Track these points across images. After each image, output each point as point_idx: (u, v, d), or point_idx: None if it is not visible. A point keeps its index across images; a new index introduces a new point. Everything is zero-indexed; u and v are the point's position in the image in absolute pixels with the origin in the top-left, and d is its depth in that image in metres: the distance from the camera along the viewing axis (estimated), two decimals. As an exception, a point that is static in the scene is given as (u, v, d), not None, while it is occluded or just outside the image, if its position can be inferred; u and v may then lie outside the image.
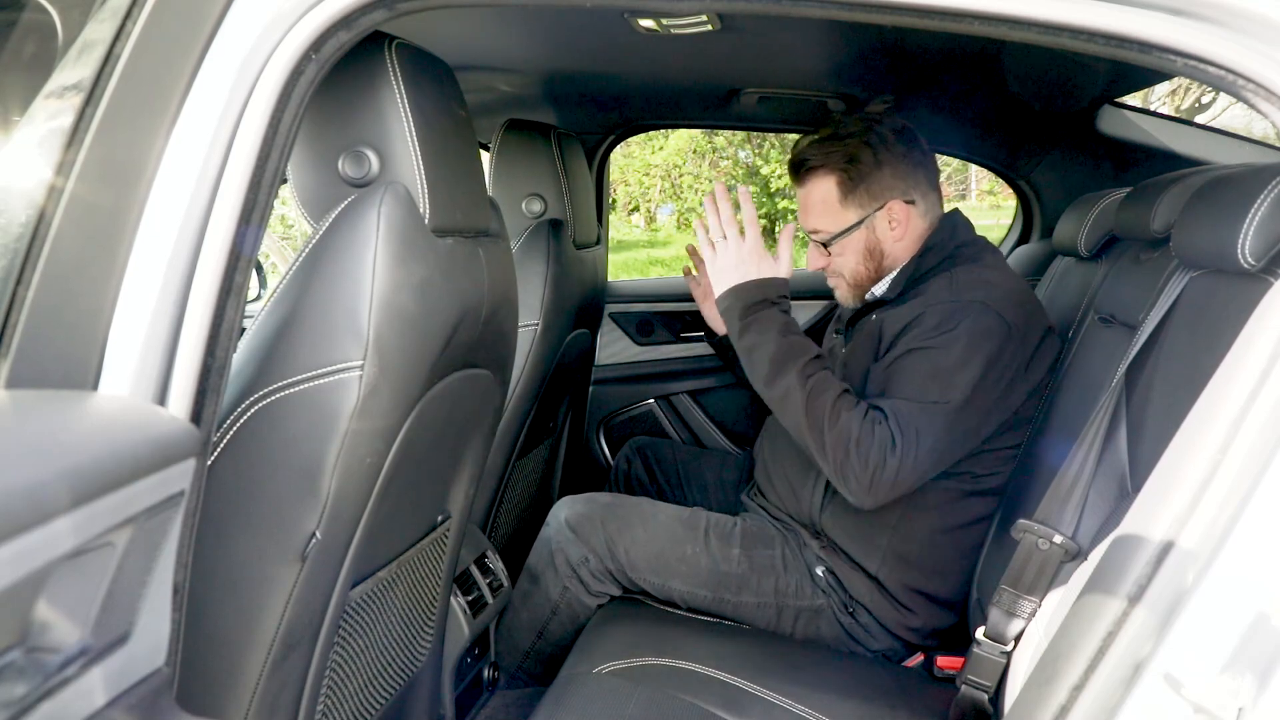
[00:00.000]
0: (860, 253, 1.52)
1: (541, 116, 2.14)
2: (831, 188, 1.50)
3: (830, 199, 1.50)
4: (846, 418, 1.29)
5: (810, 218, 1.54)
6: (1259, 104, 0.73)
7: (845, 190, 1.49)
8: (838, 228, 1.51)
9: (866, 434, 1.27)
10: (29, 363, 0.67)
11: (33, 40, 0.83)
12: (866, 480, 1.27)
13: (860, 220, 1.50)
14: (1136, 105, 2.04)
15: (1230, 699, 0.69)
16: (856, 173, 1.48)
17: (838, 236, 1.51)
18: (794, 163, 1.54)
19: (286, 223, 6.79)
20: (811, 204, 1.53)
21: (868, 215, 1.50)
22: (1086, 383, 1.33)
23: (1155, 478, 0.79)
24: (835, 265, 1.55)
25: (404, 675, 1.25)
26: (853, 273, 1.54)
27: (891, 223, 1.50)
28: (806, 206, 1.55)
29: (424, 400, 1.01)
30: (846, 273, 1.54)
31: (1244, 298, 0.87)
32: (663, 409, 2.59)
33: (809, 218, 1.55)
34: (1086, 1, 0.71)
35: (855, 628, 1.47)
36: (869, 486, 1.27)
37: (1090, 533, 1.09)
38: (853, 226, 1.50)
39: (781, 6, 0.77)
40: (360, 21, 0.77)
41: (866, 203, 1.49)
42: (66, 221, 0.68)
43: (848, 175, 1.48)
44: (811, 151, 1.51)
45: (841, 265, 1.54)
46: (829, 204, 1.51)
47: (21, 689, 0.53)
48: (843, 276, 1.55)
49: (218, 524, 0.83)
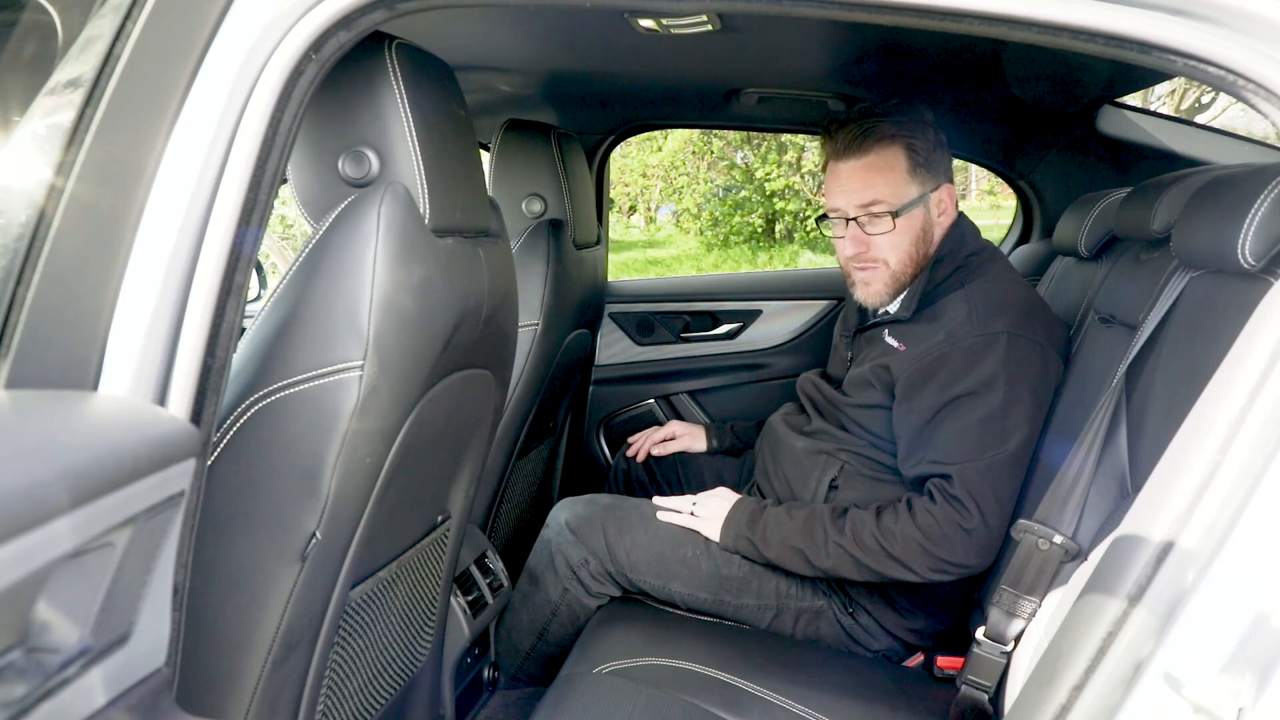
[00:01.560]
0: (915, 233, 1.44)
1: (541, 116, 2.14)
2: (900, 157, 1.42)
3: (900, 168, 1.43)
4: (901, 528, 1.31)
5: (871, 188, 1.43)
6: (1259, 104, 0.73)
7: (915, 162, 1.43)
8: (902, 201, 1.43)
9: (927, 524, 1.29)
10: (29, 363, 0.67)
11: (33, 40, 0.83)
12: (961, 556, 1.29)
13: (920, 196, 1.44)
14: (1136, 105, 2.04)
15: (1230, 699, 0.69)
16: (925, 146, 1.43)
17: (903, 209, 1.43)
18: (858, 130, 1.43)
19: (286, 223, 6.78)
20: (876, 172, 1.43)
21: (927, 192, 1.44)
22: (1086, 383, 1.33)
23: (1155, 478, 0.79)
24: (880, 249, 1.45)
25: (404, 675, 1.24)
26: (902, 258, 1.45)
27: (940, 206, 1.46)
28: (867, 175, 1.43)
29: (424, 400, 1.01)
30: (895, 258, 1.44)
31: (1244, 298, 0.87)
32: (663, 409, 2.59)
33: (869, 188, 1.43)
34: (1086, 1, 0.71)
35: (855, 628, 1.47)
36: (969, 556, 1.29)
37: (1090, 533, 1.09)
38: (915, 201, 1.43)
39: (781, 6, 0.77)
40: (360, 21, 0.77)
41: (928, 180, 1.44)
42: (66, 221, 0.68)
43: (916, 148, 1.42)
44: (873, 124, 1.42)
45: (890, 248, 1.44)
46: (898, 173, 1.43)
47: (21, 689, 0.53)
48: (886, 264, 1.45)
49: (218, 524, 0.83)
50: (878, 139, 1.42)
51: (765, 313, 2.60)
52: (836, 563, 1.36)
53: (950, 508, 1.29)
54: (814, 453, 1.51)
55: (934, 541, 1.29)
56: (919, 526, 1.30)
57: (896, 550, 1.31)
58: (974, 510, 1.28)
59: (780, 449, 1.61)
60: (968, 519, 1.28)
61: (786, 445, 1.58)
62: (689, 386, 2.59)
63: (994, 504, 1.28)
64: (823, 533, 1.37)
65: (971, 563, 1.30)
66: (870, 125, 1.43)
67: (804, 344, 2.54)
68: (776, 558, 1.41)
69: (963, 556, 1.29)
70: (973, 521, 1.27)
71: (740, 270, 10.75)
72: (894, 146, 1.42)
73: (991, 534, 1.29)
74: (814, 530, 1.38)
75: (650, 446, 1.99)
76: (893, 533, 1.31)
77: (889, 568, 1.32)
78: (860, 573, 1.36)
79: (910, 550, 1.30)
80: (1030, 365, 1.32)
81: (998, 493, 1.29)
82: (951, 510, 1.29)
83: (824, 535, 1.36)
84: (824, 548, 1.36)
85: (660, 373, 2.58)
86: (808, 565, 1.39)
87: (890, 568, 1.32)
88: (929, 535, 1.29)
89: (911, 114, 1.45)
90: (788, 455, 1.57)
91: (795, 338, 2.57)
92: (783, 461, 1.59)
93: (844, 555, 1.35)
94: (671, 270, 10.63)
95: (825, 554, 1.36)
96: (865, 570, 1.35)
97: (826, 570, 1.38)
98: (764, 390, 2.53)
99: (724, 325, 2.62)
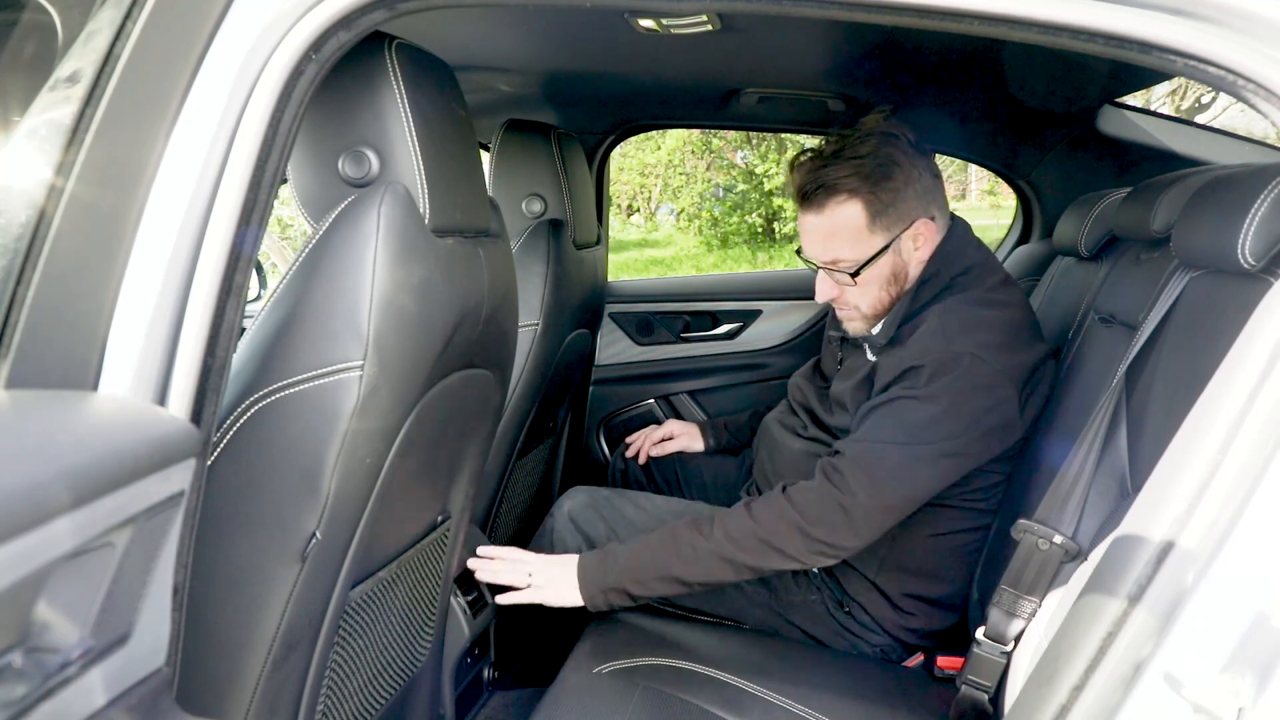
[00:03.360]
0: (884, 280, 1.36)
1: (541, 116, 2.14)
2: (857, 212, 1.32)
3: (856, 224, 1.33)
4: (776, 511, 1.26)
5: (829, 247, 1.36)
6: (1259, 104, 0.73)
7: (874, 213, 1.32)
8: (863, 256, 1.34)
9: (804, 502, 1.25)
10: (29, 363, 0.67)
11: (33, 40, 0.83)
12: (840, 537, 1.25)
13: (887, 245, 1.34)
14: (1136, 105, 2.04)
15: (1230, 699, 0.69)
16: (888, 191, 1.31)
17: (864, 266, 1.34)
18: (808, 187, 1.34)
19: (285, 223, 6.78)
20: (831, 232, 1.34)
21: (895, 239, 1.34)
22: (1086, 383, 1.33)
23: (1155, 478, 0.79)
24: (851, 297, 1.39)
25: (404, 675, 1.24)
26: (872, 303, 1.39)
27: (916, 242, 1.36)
28: (824, 234, 1.35)
29: (424, 400, 1.01)
30: (865, 304, 1.39)
31: (1244, 298, 0.87)
32: (662, 409, 2.59)
33: (828, 247, 1.36)
34: (1086, 1, 0.71)
35: (851, 623, 1.47)
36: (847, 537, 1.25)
37: (1090, 533, 1.09)
38: (879, 253, 1.34)
39: (781, 6, 0.77)
40: (360, 21, 0.77)
41: (894, 225, 1.34)
42: (66, 221, 0.68)
43: (876, 197, 1.31)
44: (830, 173, 1.31)
45: (859, 297, 1.38)
46: (855, 230, 1.33)
47: (21, 689, 0.53)
48: (859, 309, 1.40)
49: (218, 524, 0.83)
50: (830, 194, 1.32)
51: (765, 313, 2.60)
52: (708, 568, 1.28)
53: (830, 484, 1.25)
54: (810, 455, 1.51)
55: (811, 521, 1.24)
56: (795, 506, 1.26)
57: (770, 535, 1.26)
58: (854, 488, 1.23)
59: (778, 451, 1.61)
60: (847, 497, 1.23)
61: (784, 447, 1.58)
62: (689, 386, 2.59)
63: (872, 488, 1.23)
64: (688, 546, 1.29)
65: (849, 544, 1.25)
66: (824, 180, 1.32)
67: (804, 344, 2.54)
68: (656, 590, 1.32)
69: (840, 537, 1.24)
70: (851, 500, 1.23)
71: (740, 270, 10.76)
72: (851, 203, 1.32)
73: (870, 518, 1.24)
74: (677, 545, 1.30)
75: (649, 447, 1.99)
76: (766, 518, 1.27)
77: (766, 558, 1.27)
78: (737, 571, 1.29)
79: (786, 533, 1.25)
80: (981, 393, 1.25)
81: (879, 479, 1.23)
82: (831, 487, 1.24)
83: (689, 547, 1.29)
84: (694, 561, 1.28)
85: (660, 373, 2.58)
86: (684, 580, 1.30)
87: (768, 557, 1.27)
88: (805, 514, 1.25)
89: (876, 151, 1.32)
90: (785, 457, 1.57)
91: (795, 338, 2.57)
92: (780, 463, 1.59)
93: (715, 558, 1.28)
94: (671, 270, 10.62)
95: (697, 565, 1.28)
96: (741, 568, 1.28)
97: (705, 580, 1.30)
98: (764, 390, 2.53)
99: (724, 325, 2.62)
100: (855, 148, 1.32)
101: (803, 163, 1.36)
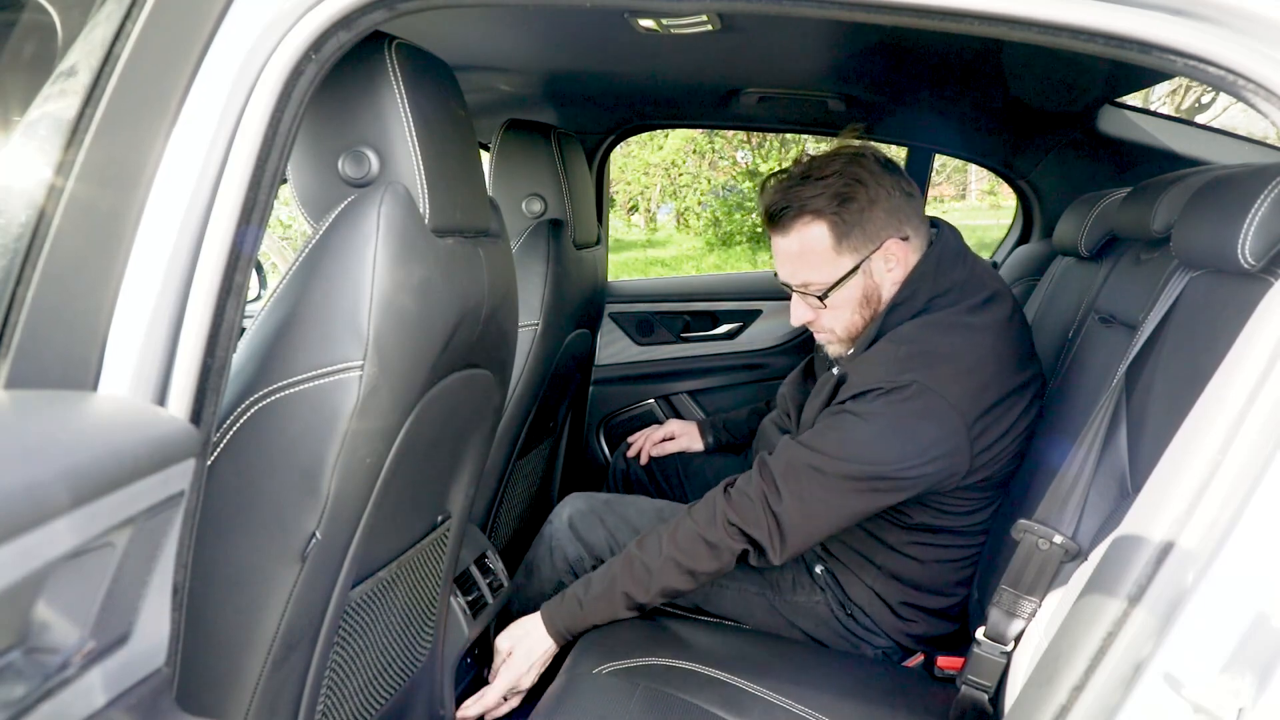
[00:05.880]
0: (856, 302, 1.35)
1: (541, 116, 2.14)
2: (823, 234, 1.32)
3: (821, 247, 1.32)
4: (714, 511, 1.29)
5: (798, 270, 1.36)
6: (1259, 104, 0.73)
7: (839, 234, 1.31)
8: (832, 278, 1.34)
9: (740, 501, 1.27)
10: (29, 363, 0.67)
11: (33, 40, 0.83)
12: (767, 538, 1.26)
13: (856, 266, 1.33)
14: (1136, 105, 2.04)
15: (1230, 699, 0.69)
16: (854, 212, 1.30)
17: (833, 288, 1.34)
18: (774, 209, 1.34)
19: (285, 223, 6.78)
20: (799, 254, 1.34)
21: (864, 259, 1.33)
22: (1086, 383, 1.33)
23: (1155, 478, 0.79)
24: (825, 321, 1.39)
25: (404, 675, 1.24)
26: (847, 326, 1.38)
27: (888, 262, 1.34)
28: (791, 258, 1.35)
29: (424, 400, 1.01)
30: (840, 327, 1.38)
31: (1244, 298, 0.87)
32: (662, 409, 2.60)
33: (797, 270, 1.36)
34: (1086, 1, 0.71)
35: (854, 625, 1.47)
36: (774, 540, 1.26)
37: (1090, 533, 1.09)
38: (849, 275, 1.33)
39: (781, 6, 0.77)
40: (360, 21, 0.77)
41: (862, 246, 1.32)
42: (66, 221, 0.68)
43: (840, 218, 1.30)
44: (795, 194, 1.31)
45: (833, 320, 1.38)
46: (821, 253, 1.33)
47: (21, 689, 0.53)
48: (834, 332, 1.40)
49: (218, 524, 0.83)
50: (796, 216, 1.32)
51: (765, 313, 2.60)
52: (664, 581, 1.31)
53: (763, 481, 1.27)
54: None
55: (746, 522, 1.27)
56: (732, 504, 1.28)
57: (710, 534, 1.28)
58: (781, 495, 1.24)
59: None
60: (775, 500, 1.25)
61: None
62: (689, 386, 2.59)
63: (797, 501, 1.24)
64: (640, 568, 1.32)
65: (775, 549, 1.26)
66: (789, 201, 1.32)
67: (804, 344, 2.54)
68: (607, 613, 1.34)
69: (767, 539, 1.26)
70: (778, 505, 1.24)
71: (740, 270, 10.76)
72: (816, 225, 1.32)
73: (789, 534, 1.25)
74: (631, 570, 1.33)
75: (650, 447, 1.99)
76: (707, 517, 1.30)
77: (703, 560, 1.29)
78: (683, 580, 1.31)
79: (725, 532, 1.27)
80: (926, 426, 1.23)
81: (807, 496, 1.24)
82: (764, 484, 1.26)
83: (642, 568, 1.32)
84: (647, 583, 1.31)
85: (660, 373, 2.59)
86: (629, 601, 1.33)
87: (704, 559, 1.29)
88: (740, 512, 1.27)
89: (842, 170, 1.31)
90: None
91: (795, 338, 2.57)
92: None
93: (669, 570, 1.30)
94: (672, 270, 10.63)
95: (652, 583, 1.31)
96: (685, 575, 1.30)
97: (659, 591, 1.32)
98: (764, 390, 2.53)
99: (724, 325, 2.62)
100: (821, 168, 1.32)
101: (771, 184, 1.37)
